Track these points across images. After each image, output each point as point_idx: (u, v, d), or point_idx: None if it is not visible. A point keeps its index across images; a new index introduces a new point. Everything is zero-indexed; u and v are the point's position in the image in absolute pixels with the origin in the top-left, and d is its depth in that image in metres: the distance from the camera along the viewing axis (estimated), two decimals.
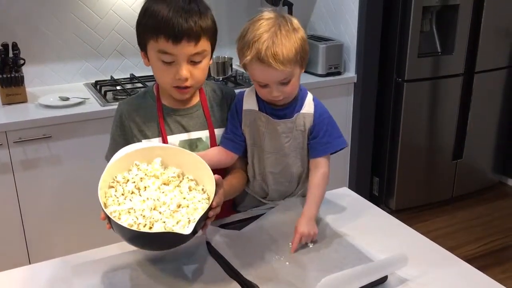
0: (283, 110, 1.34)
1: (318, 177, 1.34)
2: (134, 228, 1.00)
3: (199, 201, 1.09)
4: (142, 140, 1.33)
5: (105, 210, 1.02)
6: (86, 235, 2.08)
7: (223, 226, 1.31)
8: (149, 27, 1.22)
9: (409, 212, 3.03)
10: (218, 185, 1.12)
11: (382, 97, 2.93)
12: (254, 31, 1.22)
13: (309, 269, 1.13)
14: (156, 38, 1.20)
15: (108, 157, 1.35)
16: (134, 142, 1.31)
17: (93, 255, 1.20)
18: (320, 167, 1.35)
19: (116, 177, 1.11)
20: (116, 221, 0.99)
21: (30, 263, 1.20)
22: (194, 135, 1.36)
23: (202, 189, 1.13)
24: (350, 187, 2.32)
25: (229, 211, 1.45)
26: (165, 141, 1.32)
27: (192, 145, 1.35)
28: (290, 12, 2.83)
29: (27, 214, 2.23)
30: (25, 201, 2.21)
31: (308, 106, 1.35)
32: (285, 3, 2.83)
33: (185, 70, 1.22)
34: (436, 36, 2.93)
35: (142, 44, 1.28)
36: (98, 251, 1.21)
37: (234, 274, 1.10)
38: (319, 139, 1.34)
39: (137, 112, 1.35)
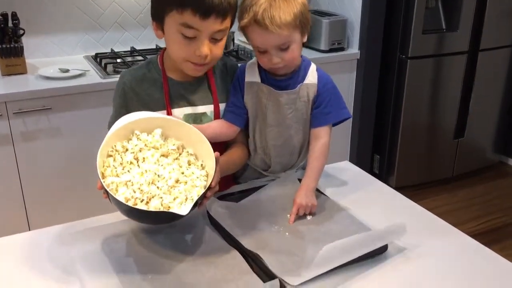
0: (286, 81, 1.32)
1: (318, 148, 1.33)
2: (131, 203, 0.99)
3: (197, 177, 1.07)
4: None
5: (102, 181, 1.01)
6: (85, 205, 2.08)
7: (222, 197, 1.30)
8: None
9: (409, 190, 3.02)
10: (216, 162, 1.09)
11: (385, 74, 2.90)
12: None
13: (308, 239, 1.12)
14: (181, 10, 1.13)
15: (110, 126, 1.34)
16: (136, 111, 1.27)
17: (92, 223, 1.19)
18: (321, 137, 1.33)
19: (115, 145, 1.10)
20: (113, 195, 0.98)
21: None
22: (199, 109, 1.33)
23: (201, 165, 1.11)
24: None
25: (229, 184, 1.44)
26: (169, 114, 1.29)
27: (196, 119, 1.33)
28: None
29: (27, 185, 2.23)
30: (24, 172, 2.21)
31: (312, 77, 1.33)
32: None
33: (206, 47, 1.18)
34: (441, 12, 2.88)
35: (159, 15, 1.20)
36: (97, 219, 1.21)
37: (234, 243, 1.10)
38: (321, 108, 1.33)
39: (141, 83, 1.31)
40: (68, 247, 1.11)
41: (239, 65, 1.42)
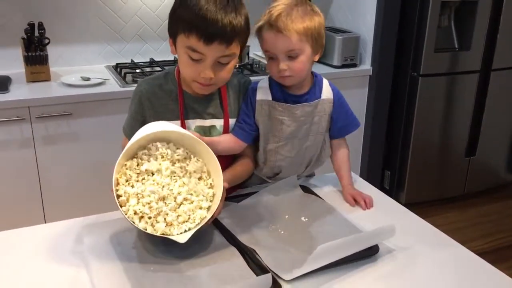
0: (303, 96, 1.38)
1: (344, 155, 1.48)
2: (137, 216, 1.07)
3: (204, 196, 1.13)
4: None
5: (115, 189, 1.08)
6: (99, 207, 2.17)
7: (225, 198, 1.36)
8: (182, 19, 1.19)
9: (419, 207, 3.02)
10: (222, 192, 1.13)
11: (396, 90, 2.95)
12: (272, 4, 1.29)
13: (303, 238, 1.18)
14: (188, 34, 1.17)
15: (125, 129, 1.41)
16: (150, 120, 1.30)
17: (103, 218, 1.28)
18: (344, 146, 1.49)
19: (136, 154, 1.15)
20: (121, 210, 1.07)
21: None
22: (209, 122, 1.38)
23: (211, 183, 1.16)
24: None
25: (233, 189, 1.49)
26: (183, 125, 1.34)
27: (206, 131, 1.37)
28: None
29: (45, 186, 2.33)
30: (44, 173, 2.31)
31: (327, 92, 1.40)
32: None
33: (210, 71, 1.21)
34: (454, 31, 2.93)
35: (173, 33, 1.25)
36: (108, 215, 1.29)
37: (232, 240, 1.16)
38: (341, 121, 1.43)
39: (157, 93, 1.35)
40: (79, 238, 1.18)
41: (251, 82, 1.45)
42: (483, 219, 3.02)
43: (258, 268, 1.06)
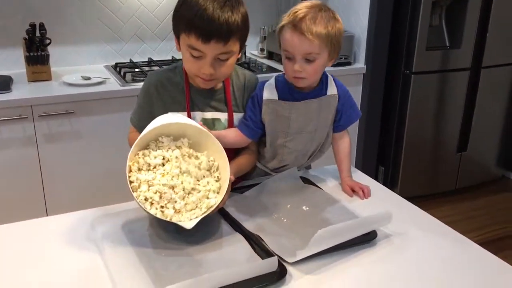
0: (310, 93, 1.43)
1: (346, 147, 1.53)
2: (148, 203, 1.12)
3: (211, 188, 1.19)
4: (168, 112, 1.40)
5: (128, 176, 1.14)
6: (101, 204, 2.22)
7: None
8: (183, 19, 1.25)
9: (412, 202, 3.09)
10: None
11: (390, 88, 3.03)
12: (296, 6, 1.33)
13: (304, 225, 1.24)
14: (188, 33, 1.24)
15: (132, 120, 1.47)
16: (157, 111, 1.37)
17: (114, 209, 1.33)
18: (345, 136, 1.55)
19: (148, 146, 1.21)
20: (133, 193, 1.12)
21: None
22: (214, 115, 1.44)
23: (218, 177, 1.22)
24: None
25: (237, 180, 1.55)
26: (189, 117, 1.40)
27: (210, 124, 1.43)
28: None
29: (48, 183, 2.38)
30: (46, 171, 2.36)
31: (332, 88, 1.46)
32: None
33: (210, 67, 1.28)
34: (445, 30, 3.01)
35: (176, 32, 1.32)
36: (119, 206, 1.35)
37: (238, 228, 1.22)
38: (346, 114, 1.49)
39: (166, 85, 1.41)
40: (92, 229, 1.24)
41: (258, 80, 1.51)
42: (475, 212, 3.09)
43: (264, 252, 1.12)
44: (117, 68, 2.70)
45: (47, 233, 1.23)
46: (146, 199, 1.13)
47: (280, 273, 1.05)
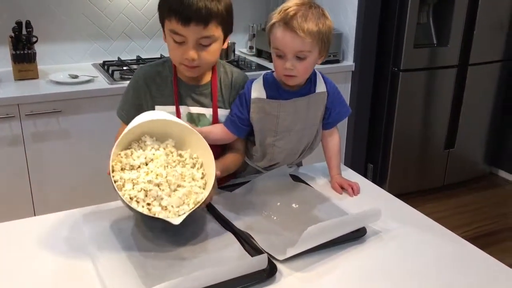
0: (298, 92, 1.42)
1: (335, 145, 1.55)
2: (134, 201, 1.11)
3: (196, 184, 1.18)
4: (155, 107, 1.41)
5: (112, 175, 1.13)
6: (90, 203, 2.21)
7: (219, 188, 1.42)
8: (165, 6, 1.30)
9: (401, 198, 3.11)
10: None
11: (378, 85, 3.04)
12: (286, 4, 1.32)
13: (295, 223, 1.24)
14: (169, 18, 1.29)
15: (121, 115, 1.46)
16: (145, 105, 1.40)
17: (102, 208, 1.32)
18: (335, 133, 1.55)
19: (130, 146, 1.20)
20: (118, 192, 1.10)
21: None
22: (199, 110, 1.44)
23: (203, 173, 1.21)
24: None
25: (228, 178, 1.54)
26: (177, 110, 1.41)
27: (195, 119, 1.44)
28: None
29: (35, 183, 2.36)
30: (34, 170, 2.34)
31: (321, 85, 1.45)
32: None
33: (192, 52, 1.30)
34: (432, 28, 3.03)
35: (161, 20, 1.35)
36: (107, 205, 1.34)
37: (227, 226, 1.22)
38: (335, 111, 1.49)
39: (154, 79, 1.43)
40: (80, 228, 1.23)
41: (247, 78, 1.50)
42: (463, 209, 3.12)
43: (253, 250, 1.12)
44: (105, 66, 2.68)
45: (35, 233, 1.22)
46: (131, 198, 1.12)
47: (270, 270, 1.05)
